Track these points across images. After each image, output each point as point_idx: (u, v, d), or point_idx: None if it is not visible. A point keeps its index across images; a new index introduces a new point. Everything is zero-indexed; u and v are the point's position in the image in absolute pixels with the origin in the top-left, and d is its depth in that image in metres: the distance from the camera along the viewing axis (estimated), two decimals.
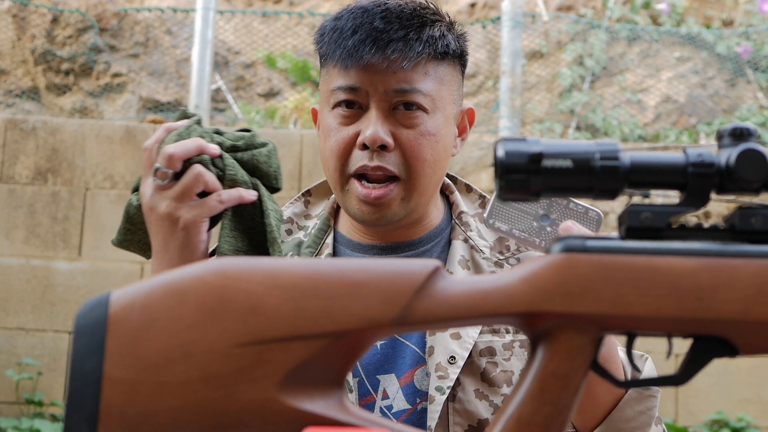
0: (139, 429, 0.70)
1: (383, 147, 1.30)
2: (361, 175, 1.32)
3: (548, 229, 1.19)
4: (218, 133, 1.29)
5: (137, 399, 0.70)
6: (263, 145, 1.29)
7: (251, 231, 1.27)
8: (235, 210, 1.26)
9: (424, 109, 1.32)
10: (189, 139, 1.24)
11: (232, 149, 1.27)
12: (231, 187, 1.25)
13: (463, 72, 1.40)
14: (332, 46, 1.33)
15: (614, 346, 1.23)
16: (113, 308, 0.72)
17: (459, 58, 1.38)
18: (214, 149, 1.24)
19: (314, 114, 1.46)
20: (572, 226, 1.11)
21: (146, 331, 0.71)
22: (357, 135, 1.32)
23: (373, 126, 1.30)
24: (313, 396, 0.73)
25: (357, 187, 1.32)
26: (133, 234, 1.31)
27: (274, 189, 1.30)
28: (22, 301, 4.64)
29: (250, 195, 1.25)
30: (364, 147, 1.31)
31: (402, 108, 1.31)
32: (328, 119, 1.35)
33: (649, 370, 1.31)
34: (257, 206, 1.27)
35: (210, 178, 1.23)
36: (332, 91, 1.34)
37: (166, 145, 1.24)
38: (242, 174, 1.26)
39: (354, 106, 1.33)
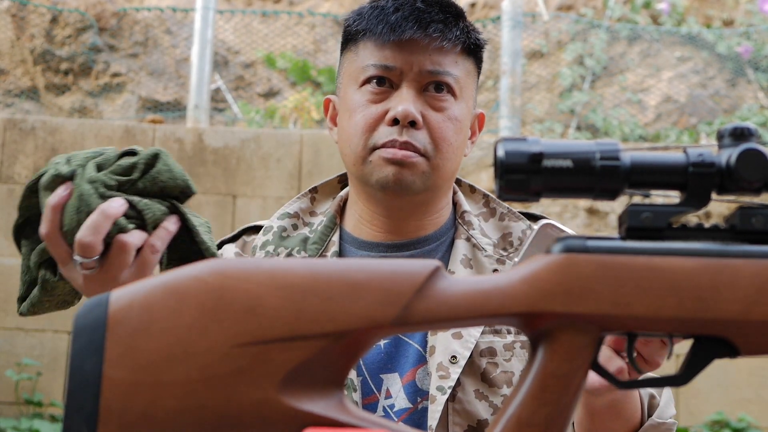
0: (138, 429, 0.70)
1: (413, 124, 1.32)
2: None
3: None
4: (110, 171, 1.15)
5: (137, 399, 0.70)
6: (155, 157, 1.17)
7: (186, 256, 1.19)
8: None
9: (453, 93, 1.35)
10: (91, 212, 1.12)
11: (133, 185, 1.16)
12: (156, 227, 1.14)
13: (478, 78, 1.42)
14: (373, 22, 1.35)
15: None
16: (112, 308, 0.72)
17: (479, 61, 1.41)
18: (120, 206, 1.12)
19: (326, 104, 1.46)
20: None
21: (146, 331, 0.71)
22: (385, 113, 1.33)
23: (405, 102, 1.32)
24: (313, 396, 0.73)
25: (382, 151, 1.32)
26: (51, 301, 1.22)
27: (189, 195, 1.19)
28: None
29: (174, 225, 1.16)
30: (394, 123, 1.32)
31: (432, 90, 1.34)
32: (355, 97, 1.36)
33: (666, 396, 1.33)
34: (184, 228, 1.18)
35: (135, 239, 1.12)
36: (364, 67, 1.35)
37: (66, 225, 1.13)
38: (157, 208, 1.15)
39: (384, 84, 1.34)
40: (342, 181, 1.49)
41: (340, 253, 1.41)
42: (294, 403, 0.71)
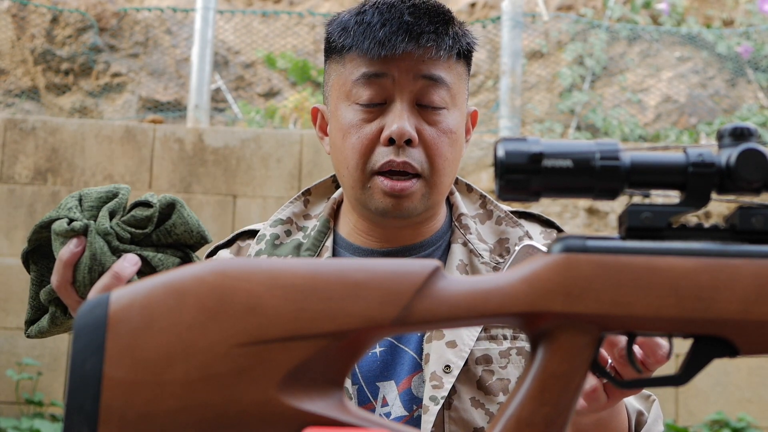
0: (139, 429, 0.70)
1: (408, 142, 1.29)
2: (386, 172, 1.30)
3: None
4: (123, 222, 1.16)
5: (137, 399, 0.70)
6: (170, 207, 1.17)
7: None
8: None
9: (447, 103, 1.31)
10: (104, 271, 1.12)
11: (147, 238, 1.16)
12: None
13: (469, 75, 1.41)
14: (359, 38, 1.30)
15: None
16: (113, 308, 0.72)
17: (469, 60, 1.38)
18: (133, 266, 1.12)
19: (314, 113, 1.43)
20: None
21: (146, 331, 0.71)
22: (380, 131, 1.30)
23: (399, 120, 1.28)
24: (313, 396, 0.73)
25: (382, 181, 1.30)
26: (59, 329, 1.22)
27: (204, 244, 1.20)
28: (22, 301, 4.64)
29: None
30: (389, 142, 1.29)
31: (425, 103, 1.30)
32: (348, 115, 1.32)
33: (655, 413, 1.32)
34: None
35: None
36: (354, 81, 1.31)
37: (78, 281, 1.12)
38: (171, 261, 1.16)
39: (376, 102, 1.30)
40: (336, 180, 1.47)
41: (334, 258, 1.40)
42: (294, 403, 0.71)
